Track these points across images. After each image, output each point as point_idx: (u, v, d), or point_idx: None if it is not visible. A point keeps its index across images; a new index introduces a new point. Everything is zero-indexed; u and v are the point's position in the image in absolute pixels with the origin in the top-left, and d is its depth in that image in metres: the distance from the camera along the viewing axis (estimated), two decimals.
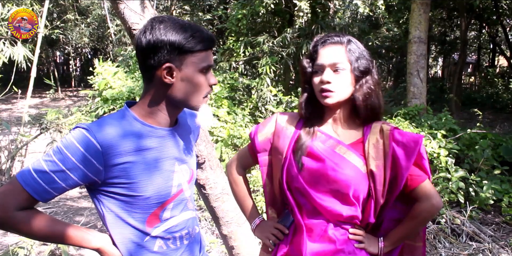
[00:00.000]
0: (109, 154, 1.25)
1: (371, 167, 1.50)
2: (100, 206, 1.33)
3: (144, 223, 1.35)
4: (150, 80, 1.33)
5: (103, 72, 8.03)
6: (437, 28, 17.09)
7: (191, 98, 1.34)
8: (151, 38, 1.26)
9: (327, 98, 1.50)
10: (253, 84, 7.24)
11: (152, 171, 1.33)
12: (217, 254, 3.97)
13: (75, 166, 1.23)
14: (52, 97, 17.74)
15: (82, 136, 1.24)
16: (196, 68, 1.31)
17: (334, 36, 1.53)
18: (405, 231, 1.57)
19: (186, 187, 1.47)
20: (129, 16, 2.24)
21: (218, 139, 5.52)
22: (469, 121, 9.94)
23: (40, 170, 1.22)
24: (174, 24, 1.28)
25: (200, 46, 1.29)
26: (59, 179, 1.22)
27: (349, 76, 1.49)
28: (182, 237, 1.46)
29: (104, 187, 1.29)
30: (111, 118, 1.33)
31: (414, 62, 6.72)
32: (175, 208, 1.42)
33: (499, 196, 4.53)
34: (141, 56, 1.31)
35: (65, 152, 1.23)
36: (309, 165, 1.53)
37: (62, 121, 5.75)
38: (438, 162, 4.62)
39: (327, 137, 1.55)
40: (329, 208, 1.51)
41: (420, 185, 1.52)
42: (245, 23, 8.27)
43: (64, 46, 21.61)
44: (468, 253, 3.77)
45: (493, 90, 17.76)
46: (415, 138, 1.50)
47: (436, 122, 5.72)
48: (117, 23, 14.48)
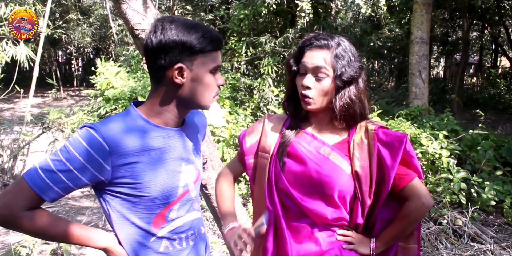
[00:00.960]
0: (117, 154, 1.25)
1: (356, 168, 1.49)
2: (106, 206, 1.33)
3: (150, 223, 1.35)
4: (160, 80, 1.32)
5: (105, 71, 8.04)
6: (439, 28, 17.06)
7: (201, 98, 1.34)
8: (163, 38, 1.26)
9: (307, 104, 1.50)
10: (255, 84, 7.24)
11: (159, 172, 1.33)
12: (219, 254, 3.97)
13: (82, 166, 1.22)
14: (54, 97, 17.75)
15: (89, 135, 1.24)
16: (207, 68, 1.31)
17: (322, 39, 1.48)
18: (396, 230, 1.55)
19: (192, 188, 1.47)
20: (131, 16, 2.25)
21: (220, 139, 5.53)
22: (471, 122, 9.92)
23: (48, 169, 1.22)
24: (184, 24, 1.28)
25: (210, 46, 1.29)
26: (67, 178, 1.22)
27: (330, 84, 1.47)
28: (188, 238, 1.46)
29: (110, 187, 1.29)
30: (118, 117, 1.32)
31: (416, 62, 6.72)
32: (181, 208, 1.42)
33: (501, 197, 4.53)
34: (151, 56, 1.30)
35: (73, 152, 1.22)
36: (292, 167, 1.52)
37: (64, 120, 5.76)
38: (440, 163, 4.61)
39: (312, 138, 1.55)
40: (314, 210, 1.51)
41: (409, 184, 1.50)
42: (247, 23, 8.27)
43: (66, 45, 21.64)
44: (469, 254, 3.76)
45: (495, 91, 17.71)
46: (399, 137, 1.49)
47: (438, 122, 5.72)
48: (119, 23, 14.50)
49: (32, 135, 5.82)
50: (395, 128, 5.02)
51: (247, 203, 4.63)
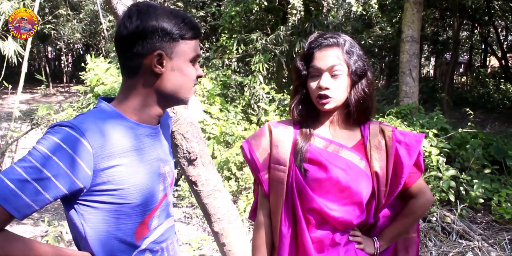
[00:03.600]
0: (99, 156, 1.09)
1: (376, 169, 1.48)
2: (80, 221, 1.14)
3: (133, 235, 1.20)
4: (135, 71, 1.19)
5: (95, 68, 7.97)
6: (430, 27, 17.16)
7: (181, 90, 1.23)
8: (140, 24, 1.14)
9: (325, 105, 1.46)
10: (246, 81, 7.23)
11: (142, 174, 1.19)
12: (209, 251, 3.96)
13: (62, 172, 1.05)
14: (43, 93, 17.62)
15: (68, 136, 1.07)
16: (187, 57, 1.21)
17: (330, 38, 1.47)
18: (401, 228, 1.58)
19: (170, 191, 1.35)
20: (121, 11, 2.22)
21: (210, 136, 5.52)
22: (460, 121, 10.00)
23: (19, 179, 1.01)
24: (162, 9, 1.18)
25: (190, 33, 1.20)
26: (43, 189, 1.03)
27: (347, 80, 1.46)
28: (168, 248, 1.34)
29: (87, 196, 1.12)
30: (92, 114, 1.17)
31: (407, 61, 6.75)
32: (161, 215, 1.30)
33: (489, 195, 4.58)
34: (126, 43, 1.17)
35: (50, 156, 1.04)
36: (315, 175, 1.46)
37: (54, 117, 5.71)
38: (430, 161, 4.65)
39: (328, 142, 1.51)
40: (340, 218, 1.45)
41: (417, 182, 1.54)
42: (238, 21, 8.26)
43: (56, 41, 21.46)
44: (458, 251, 3.79)
45: (484, 90, 17.90)
46: (417, 136, 1.52)
47: (427, 121, 5.75)
48: (110, 19, 14.39)
49: (21, 132, 5.76)
50: None
51: (237, 200, 4.63)
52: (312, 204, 1.46)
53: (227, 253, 2.65)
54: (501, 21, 16.85)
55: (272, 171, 1.53)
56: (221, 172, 5.01)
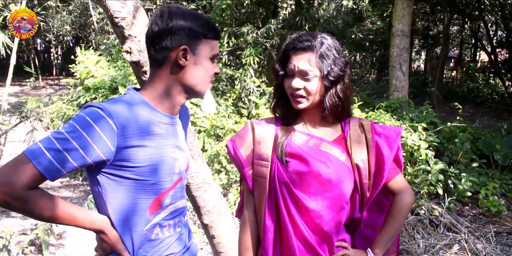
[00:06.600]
0: (123, 136, 1.26)
1: (356, 161, 1.50)
2: (102, 190, 1.32)
3: (147, 209, 1.36)
4: (161, 62, 1.36)
5: (85, 60, 7.93)
6: (421, 22, 17.21)
7: (200, 83, 1.40)
8: (170, 22, 1.32)
9: (298, 103, 1.50)
10: (237, 74, 7.23)
11: (158, 157, 1.34)
12: (199, 243, 3.98)
13: (89, 145, 1.21)
14: (32, 86, 17.46)
15: (97, 115, 1.24)
16: (207, 54, 1.38)
17: (305, 41, 1.47)
18: (393, 229, 1.58)
19: (185, 175, 1.50)
20: (111, 4, 2.20)
21: (201, 129, 5.52)
22: (449, 115, 10.08)
23: (53, 148, 1.19)
24: (189, 11, 1.37)
25: (212, 34, 1.38)
26: (72, 158, 1.20)
27: (318, 83, 1.47)
28: (176, 225, 1.48)
29: (110, 169, 1.29)
30: (122, 100, 1.33)
31: (397, 55, 6.78)
32: (174, 195, 1.44)
33: (476, 188, 4.64)
34: (157, 38, 1.34)
35: (80, 131, 1.21)
36: (296, 168, 1.49)
37: (43, 109, 5.66)
38: (418, 155, 4.69)
39: (309, 137, 1.54)
40: (321, 212, 1.48)
41: (396, 178, 1.56)
42: (229, 14, 8.23)
43: (45, 33, 21.21)
44: (445, 243, 3.84)
45: (474, 84, 18.04)
46: (396, 129, 1.55)
47: (417, 115, 5.80)
48: (100, 11, 14.25)
49: (10, 124, 5.71)
50: (375, 120, 5.07)
51: (227, 193, 4.64)
52: (294, 198, 1.48)
53: (216, 245, 2.67)
54: (491, 16, 16.92)
55: (255, 167, 1.57)
56: (211, 165, 5.02)
